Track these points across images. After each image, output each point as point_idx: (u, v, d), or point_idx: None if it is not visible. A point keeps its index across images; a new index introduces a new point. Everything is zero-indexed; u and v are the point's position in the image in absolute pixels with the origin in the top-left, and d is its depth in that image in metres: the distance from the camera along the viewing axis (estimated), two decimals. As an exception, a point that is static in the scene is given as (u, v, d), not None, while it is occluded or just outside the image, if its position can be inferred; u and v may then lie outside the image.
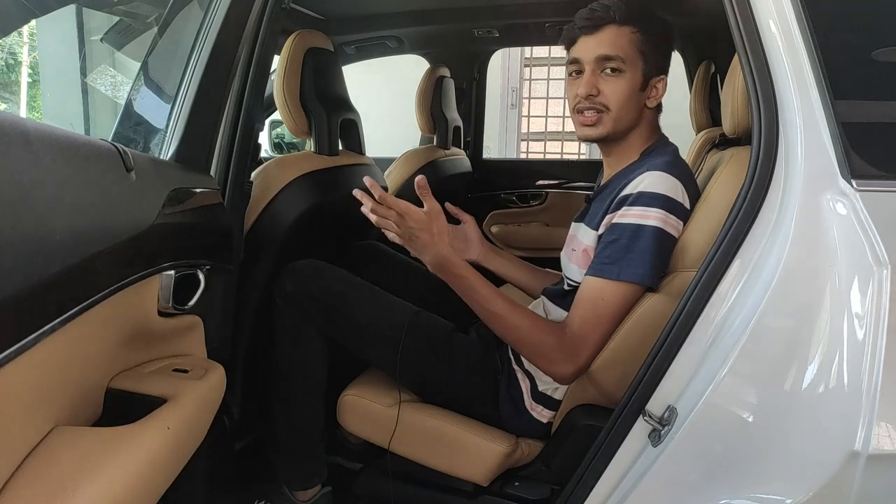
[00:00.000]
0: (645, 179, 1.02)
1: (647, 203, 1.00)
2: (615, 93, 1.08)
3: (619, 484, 0.93)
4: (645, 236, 1.00)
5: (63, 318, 0.63)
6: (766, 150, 0.84)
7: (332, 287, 1.27)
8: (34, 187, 0.59)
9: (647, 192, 1.01)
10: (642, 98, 1.11)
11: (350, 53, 2.39)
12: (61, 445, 0.69)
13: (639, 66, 1.09)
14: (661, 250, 1.01)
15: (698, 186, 1.10)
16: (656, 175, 1.01)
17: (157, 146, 1.02)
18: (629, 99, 1.09)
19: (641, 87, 1.10)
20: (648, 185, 1.01)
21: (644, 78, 1.10)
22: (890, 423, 0.73)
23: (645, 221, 1.00)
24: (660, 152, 1.10)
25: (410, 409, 1.22)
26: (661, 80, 1.12)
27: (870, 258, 0.74)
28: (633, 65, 1.08)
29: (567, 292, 1.16)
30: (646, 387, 0.90)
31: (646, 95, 1.11)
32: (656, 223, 1.00)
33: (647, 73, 1.10)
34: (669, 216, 1.01)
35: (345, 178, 1.53)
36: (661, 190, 1.00)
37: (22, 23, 1.73)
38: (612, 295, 1.01)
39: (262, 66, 1.13)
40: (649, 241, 0.99)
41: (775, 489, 0.80)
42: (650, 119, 1.15)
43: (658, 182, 1.01)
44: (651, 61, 1.09)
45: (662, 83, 1.12)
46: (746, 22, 0.86)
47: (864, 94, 0.84)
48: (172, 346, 0.99)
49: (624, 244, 1.01)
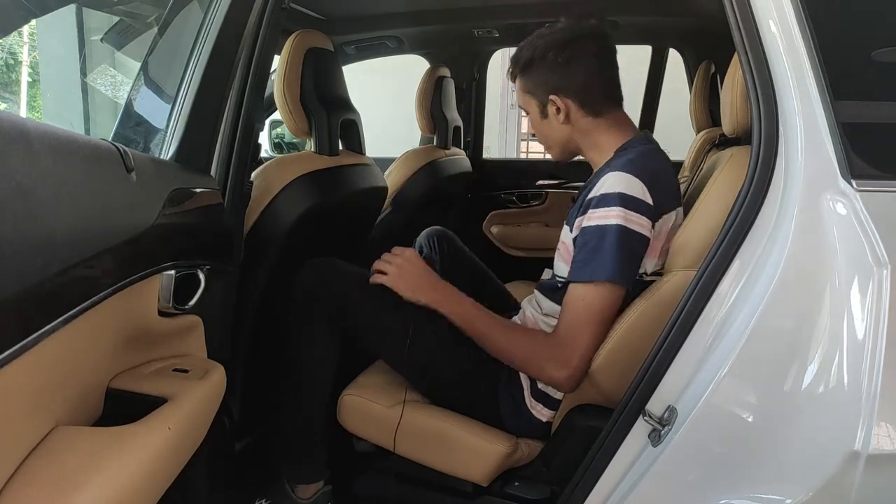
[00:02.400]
0: (606, 181, 1.06)
1: (607, 203, 1.05)
2: (534, 129, 1.28)
3: (619, 484, 0.93)
4: (608, 236, 1.04)
5: (63, 318, 0.63)
6: (766, 151, 0.84)
7: (348, 284, 1.29)
8: (34, 187, 0.59)
9: (608, 194, 1.05)
10: (553, 122, 1.21)
11: (350, 53, 2.39)
12: (62, 445, 0.69)
13: (531, 103, 1.24)
14: (626, 248, 1.04)
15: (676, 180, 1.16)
16: (615, 176, 1.06)
17: (158, 146, 1.02)
18: (542, 129, 1.25)
19: (542, 115, 1.23)
20: (608, 186, 1.06)
21: (539, 109, 1.23)
22: (890, 423, 0.73)
23: (606, 222, 1.04)
24: (628, 152, 1.14)
25: (411, 409, 1.22)
26: (550, 99, 1.19)
27: (870, 258, 0.74)
28: (528, 104, 1.25)
29: (557, 287, 1.20)
30: (646, 387, 0.90)
31: (554, 119, 1.21)
32: (617, 221, 1.03)
33: (539, 104, 1.22)
34: (630, 213, 1.04)
35: (345, 178, 1.53)
36: (619, 189, 1.04)
37: (22, 23, 1.73)
38: (589, 296, 1.05)
39: (262, 66, 1.13)
40: (612, 239, 1.03)
41: (775, 489, 0.80)
42: (592, 125, 1.20)
43: (616, 182, 1.05)
44: (535, 93, 1.22)
45: (554, 102, 1.19)
46: (746, 22, 0.86)
47: (864, 95, 0.84)
48: (173, 346, 0.99)
49: (592, 246, 1.05)
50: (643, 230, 1.05)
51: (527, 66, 1.22)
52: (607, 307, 1.05)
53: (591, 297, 1.05)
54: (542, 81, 1.20)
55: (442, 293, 1.19)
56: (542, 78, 1.20)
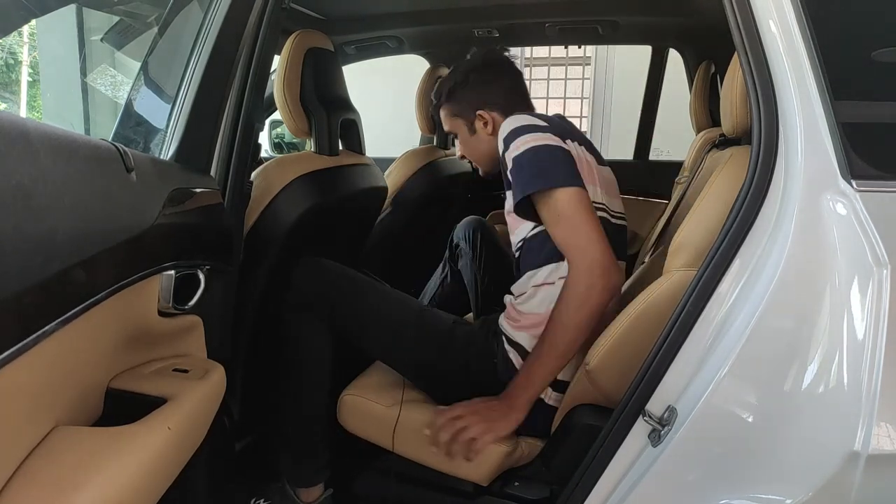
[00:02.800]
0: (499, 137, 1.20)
1: (507, 143, 1.16)
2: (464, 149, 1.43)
3: (619, 484, 0.93)
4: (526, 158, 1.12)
5: (63, 318, 0.63)
6: (766, 151, 0.84)
7: (339, 283, 1.31)
8: (34, 187, 0.59)
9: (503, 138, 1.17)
10: (482, 135, 1.37)
11: (350, 53, 2.39)
12: (62, 445, 0.69)
13: (459, 124, 1.40)
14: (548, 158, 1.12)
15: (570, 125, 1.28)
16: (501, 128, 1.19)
17: (158, 146, 1.02)
18: (471, 146, 1.41)
19: (471, 132, 1.38)
20: (503, 132, 1.18)
21: (468, 127, 1.38)
22: (890, 423, 0.73)
23: (517, 152, 1.13)
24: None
25: (411, 409, 1.22)
26: (478, 115, 1.35)
27: (870, 258, 0.74)
28: (456, 126, 1.41)
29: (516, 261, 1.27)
30: (646, 387, 0.90)
31: (482, 132, 1.36)
32: (524, 147, 1.13)
33: (467, 123, 1.38)
34: (529, 136, 1.13)
35: (345, 179, 1.53)
36: (509, 128, 1.17)
37: (22, 23, 1.73)
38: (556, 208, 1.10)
39: (262, 66, 1.13)
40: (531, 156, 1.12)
41: (775, 489, 0.80)
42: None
43: (505, 126, 1.19)
44: (463, 114, 1.38)
45: (482, 116, 1.34)
46: (746, 22, 0.86)
47: (864, 95, 0.84)
48: (173, 346, 0.99)
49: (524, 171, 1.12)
50: (546, 141, 1.13)
51: (451, 91, 1.38)
52: (576, 204, 1.08)
53: (558, 208, 1.09)
54: (467, 101, 1.36)
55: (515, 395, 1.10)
56: (467, 98, 1.36)
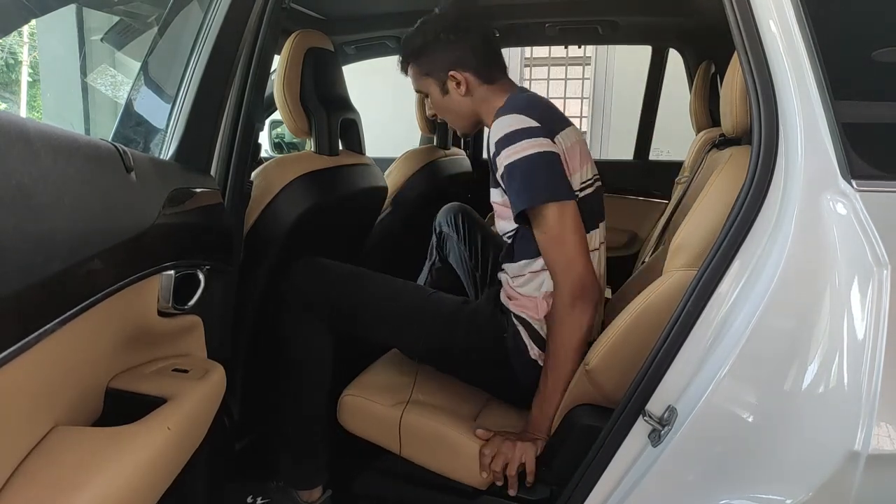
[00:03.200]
0: (492, 132, 1.19)
1: (500, 148, 1.16)
2: (437, 110, 1.38)
3: (619, 484, 0.93)
4: (519, 169, 1.13)
5: (63, 317, 0.63)
6: (766, 151, 0.84)
7: (340, 280, 1.31)
8: (35, 187, 0.59)
9: (497, 140, 1.17)
10: (454, 97, 1.32)
11: (350, 53, 2.39)
12: (61, 445, 0.69)
13: (430, 83, 1.33)
14: (541, 170, 1.14)
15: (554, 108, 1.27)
16: (495, 125, 1.19)
17: (157, 146, 1.02)
18: (445, 107, 1.35)
19: (443, 92, 1.33)
20: (494, 134, 1.18)
21: (440, 87, 1.32)
22: (890, 423, 0.73)
23: (510, 160, 1.14)
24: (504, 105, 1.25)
25: (410, 411, 1.22)
26: (450, 75, 1.30)
27: (870, 258, 0.74)
28: (427, 85, 1.34)
29: (508, 246, 1.29)
30: (646, 387, 0.90)
31: (455, 93, 1.31)
32: (518, 156, 1.13)
33: (439, 83, 1.32)
34: (523, 143, 1.14)
35: (345, 179, 1.53)
36: (502, 132, 1.16)
37: (22, 23, 1.73)
38: (546, 224, 1.14)
39: (262, 66, 1.13)
40: (525, 168, 1.13)
41: (775, 489, 0.80)
42: (487, 92, 1.31)
43: (498, 128, 1.17)
44: (434, 73, 1.32)
45: (453, 77, 1.29)
46: (746, 22, 0.86)
47: (864, 95, 0.84)
48: (172, 346, 0.99)
49: (516, 185, 1.15)
50: (544, 147, 1.14)
51: (421, 49, 1.31)
52: (565, 220, 1.13)
53: (545, 223, 1.14)
54: (439, 60, 1.30)
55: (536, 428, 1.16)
56: (438, 57, 1.30)
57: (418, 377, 1.35)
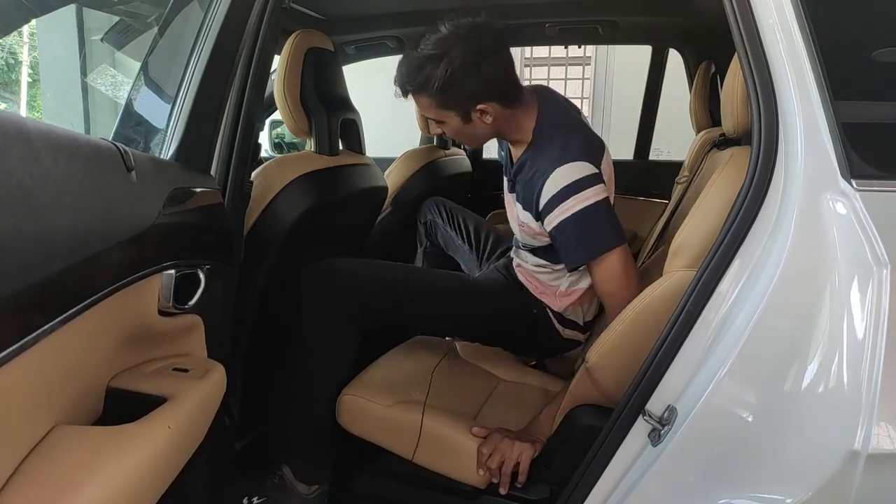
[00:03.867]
0: (557, 177, 1.20)
1: (567, 196, 1.19)
2: (454, 135, 1.32)
3: (619, 484, 0.93)
4: (587, 218, 1.19)
5: (64, 317, 0.63)
6: (766, 151, 0.84)
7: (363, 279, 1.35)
8: (35, 186, 0.59)
9: (565, 187, 1.19)
10: (479, 124, 1.26)
11: (350, 53, 2.39)
12: (62, 444, 0.69)
13: (451, 116, 1.25)
14: (604, 218, 1.20)
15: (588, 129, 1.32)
16: (560, 171, 1.20)
17: (158, 146, 1.02)
18: (465, 133, 1.29)
19: (466, 122, 1.26)
20: (561, 181, 1.19)
21: (461, 118, 1.25)
22: (890, 422, 0.73)
23: (578, 208, 1.18)
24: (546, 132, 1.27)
25: (410, 411, 1.22)
26: (479, 108, 1.23)
27: (870, 258, 0.74)
28: (446, 118, 1.26)
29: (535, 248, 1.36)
30: (646, 386, 0.90)
31: (479, 122, 1.25)
32: (585, 204, 1.18)
33: (461, 114, 1.25)
34: (588, 191, 1.18)
35: (345, 178, 1.53)
36: (571, 179, 1.18)
37: (22, 23, 1.72)
38: (609, 267, 1.20)
39: (262, 66, 1.13)
40: (592, 218, 1.19)
41: (775, 489, 0.80)
42: (511, 115, 1.27)
43: (565, 175, 1.19)
44: (457, 107, 1.23)
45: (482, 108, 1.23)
46: (746, 22, 0.86)
47: (864, 95, 0.84)
48: (173, 345, 0.99)
49: (578, 233, 1.20)
50: (603, 193, 1.20)
51: (445, 85, 1.19)
52: (626, 263, 1.20)
53: (611, 267, 1.20)
54: (463, 96, 1.22)
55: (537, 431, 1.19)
56: (462, 93, 1.21)
57: (418, 377, 1.35)
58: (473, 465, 1.15)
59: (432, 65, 1.18)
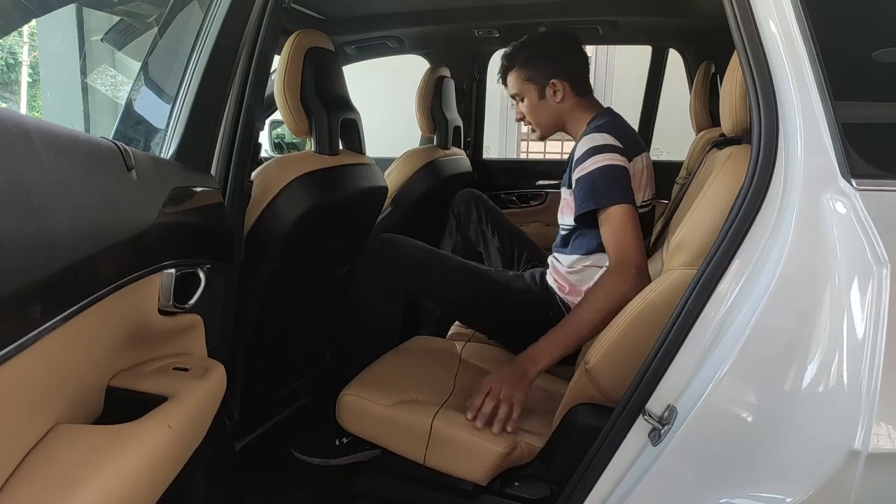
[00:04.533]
0: (583, 142, 1.39)
1: (585, 157, 1.36)
2: (528, 112, 1.58)
3: (619, 483, 0.93)
4: (595, 176, 1.33)
5: (64, 316, 0.63)
6: (766, 150, 0.84)
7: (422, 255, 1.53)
8: (36, 185, 0.59)
9: (585, 149, 1.37)
10: (549, 102, 1.53)
11: (350, 53, 2.39)
12: (62, 443, 0.69)
13: (529, 89, 1.54)
14: (611, 177, 1.33)
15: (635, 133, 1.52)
16: (588, 137, 1.39)
17: (158, 145, 1.02)
18: (538, 110, 1.56)
19: (539, 98, 1.54)
20: (584, 144, 1.38)
21: (538, 93, 1.54)
22: (889, 422, 0.73)
23: (591, 168, 1.34)
24: (596, 120, 1.49)
25: (409, 410, 1.22)
26: (551, 83, 1.51)
27: (870, 258, 0.74)
28: (525, 91, 1.55)
29: (564, 237, 1.53)
30: (646, 386, 0.90)
31: (551, 99, 1.53)
32: (597, 165, 1.34)
33: (538, 89, 1.53)
34: (603, 156, 1.34)
35: (345, 178, 1.53)
36: (591, 144, 1.37)
37: (22, 23, 1.73)
38: (611, 220, 1.31)
39: (262, 66, 1.13)
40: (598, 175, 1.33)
41: (775, 488, 0.80)
42: (577, 103, 1.54)
43: (588, 140, 1.38)
44: (534, 79, 1.53)
45: (556, 83, 1.51)
46: (746, 22, 0.86)
47: (864, 95, 0.84)
48: (173, 344, 0.99)
49: (588, 188, 1.35)
50: (617, 161, 1.34)
51: (529, 58, 1.52)
52: (627, 220, 1.30)
53: (611, 221, 1.31)
54: (543, 68, 1.51)
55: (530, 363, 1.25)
56: (543, 65, 1.51)
57: (418, 377, 1.35)
58: (474, 462, 1.15)
59: (522, 48, 1.54)
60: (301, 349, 1.69)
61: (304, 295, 1.60)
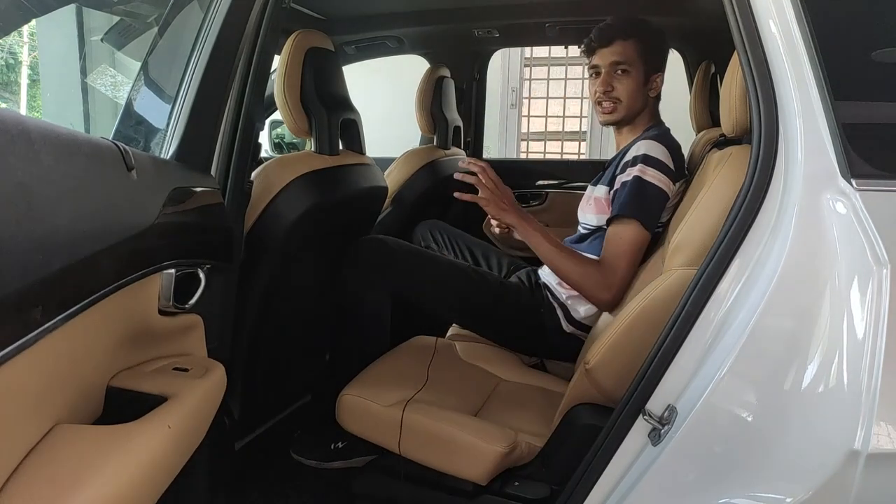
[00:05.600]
0: (639, 146, 1.37)
1: (636, 162, 1.34)
2: (626, 88, 1.49)
3: (619, 483, 0.93)
4: (635, 185, 1.32)
5: (64, 316, 0.63)
6: (766, 150, 0.84)
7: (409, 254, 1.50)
8: (36, 185, 0.59)
9: (638, 155, 1.35)
10: (646, 90, 1.50)
11: (350, 53, 2.39)
12: (62, 444, 0.69)
13: (640, 68, 1.48)
14: (648, 195, 1.32)
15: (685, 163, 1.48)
16: (646, 143, 1.37)
17: (158, 145, 1.02)
18: (636, 91, 1.49)
19: (644, 82, 1.49)
20: (639, 149, 1.36)
21: (645, 76, 1.49)
22: (889, 422, 0.73)
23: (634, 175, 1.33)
24: (654, 129, 1.49)
25: (409, 409, 1.22)
26: (659, 75, 1.52)
27: (870, 258, 0.74)
28: (636, 67, 1.48)
29: (583, 235, 1.53)
30: (646, 386, 0.90)
31: (648, 88, 1.50)
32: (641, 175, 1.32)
33: (647, 72, 1.49)
34: (652, 170, 1.33)
35: (345, 178, 1.53)
36: (645, 151, 1.35)
37: (22, 23, 1.73)
38: (623, 232, 1.32)
39: (262, 66, 1.13)
40: (637, 188, 1.32)
41: (775, 488, 0.80)
42: (652, 106, 1.54)
43: (646, 146, 1.36)
44: (650, 63, 1.49)
45: (660, 78, 1.52)
46: (746, 22, 0.86)
47: (864, 95, 0.84)
48: (173, 344, 0.99)
49: (624, 194, 1.33)
50: (662, 185, 1.33)
51: (655, 40, 1.50)
52: (637, 243, 1.31)
53: (624, 233, 1.32)
54: (659, 57, 1.52)
55: (519, 219, 1.37)
56: (659, 54, 1.52)
57: (418, 377, 1.35)
58: (474, 462, 1.15)
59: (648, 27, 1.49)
60: (301, 349, 1.69)
61: (304, 295, 1.60)
